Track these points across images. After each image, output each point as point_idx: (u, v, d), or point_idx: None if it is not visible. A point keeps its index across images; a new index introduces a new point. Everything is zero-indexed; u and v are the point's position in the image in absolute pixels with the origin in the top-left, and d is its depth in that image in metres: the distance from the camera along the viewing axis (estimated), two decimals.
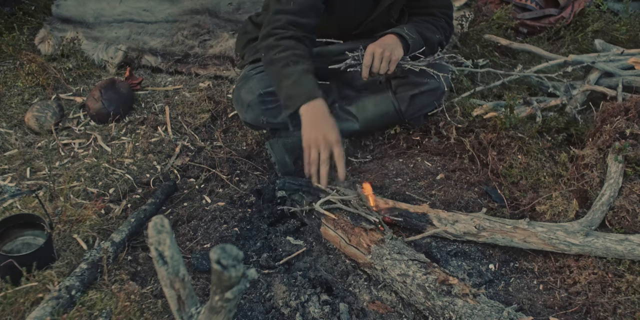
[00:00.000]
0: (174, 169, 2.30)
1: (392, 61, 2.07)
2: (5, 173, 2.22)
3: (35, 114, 2.49)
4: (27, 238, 1.86)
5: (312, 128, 1.90)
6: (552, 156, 2.28)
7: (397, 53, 2.09)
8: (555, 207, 2.00)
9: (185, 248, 1.92)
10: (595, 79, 2.63)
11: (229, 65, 2.93)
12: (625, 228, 1.92)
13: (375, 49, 2.07)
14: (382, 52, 2.06)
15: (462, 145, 2.36)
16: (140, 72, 2.96)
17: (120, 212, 2.05)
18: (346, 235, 1.83)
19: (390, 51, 2.07)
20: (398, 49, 2.10)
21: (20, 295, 1.64)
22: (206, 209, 2.10)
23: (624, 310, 1.67)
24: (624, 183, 2.03)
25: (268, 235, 1.99)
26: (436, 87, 2.27)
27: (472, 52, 3.13)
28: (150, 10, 3.27)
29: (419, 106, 2.32)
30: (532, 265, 1.88)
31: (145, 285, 1.75)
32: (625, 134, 2.14)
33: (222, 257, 0.96)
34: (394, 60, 2.07)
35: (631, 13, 3.47)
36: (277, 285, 1.75)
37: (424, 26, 2.25)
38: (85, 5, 3.26)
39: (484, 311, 1.49)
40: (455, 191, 2.16)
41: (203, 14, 3.22)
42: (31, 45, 3.05)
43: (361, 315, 1.68)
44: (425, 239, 1.92)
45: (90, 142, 2.43)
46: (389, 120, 2.37)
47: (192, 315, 1.19)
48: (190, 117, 2.60)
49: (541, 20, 3.37)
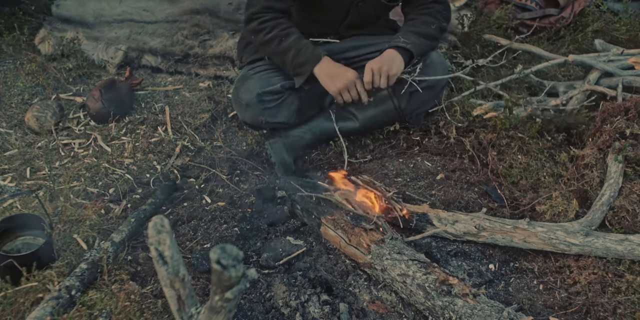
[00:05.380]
0: (174, 169, 2.30)
1: (391, 75, 2.14)
2: (5, 173, 2.22)
3: (35, 114, 2.49)
4: (27, 238, 1.86)
5: (332, 80, 2.16)
6: (552, 156, 2.28)
7: (395, 67, 2.15)
8: (555, 207, 2.00)
9: (185, 248, 1.92)
10: (595, 79, 2.62)
11: (229, 65, 2.93)
12: (625, 228, 1.92)
13: (373, 66, 2.14)
14: (380, 67, 2.13)
15: (462, 145, 2.36)
16: (140, 72, 2.95)
17: (120, 212, 2.05)
18: (346, 235, 1.83)
19: (388, 66, 2.13)
20: (397, 62, 2.16)
21: (20, 295, 1.64)
22: (206, 209, 2.10)
23: (624, 310, 1.67)
24: (624, 183, 2.03)
25: (268, 235, 1.99)
26: (434, 84, 2.27)
27: (472, 52, 3.13)
28: (150, 10, 3.27)
29: (418, 103, 2.33)
30: (532, 265, 1.88)
31: (145, 285, 1.74)
32: (625, 134, 2.14)
33: (222, 257, 0.96)
34: (392, 74, 2.14)
35: (631, 13, 3.47)
36: (277, 285, 1.75)
37: (419, 22, 2.27)
38: (85, 5, 3.26)
39: (484, 311, 1.49)
40: (455, 191, 2.16)
41: (203, 14, 3.22)
42: (31, 45, 3.05)
43: (361, 315, 1.68)
44: (425, 239, 1.92)
45: (90, 142, 2.43)
46: (388, 118, 2.38)
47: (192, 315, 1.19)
48: (190, 117, 2.60)
49: (541, 20, 3.37)
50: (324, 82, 2.17)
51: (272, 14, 2.20)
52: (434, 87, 2.29)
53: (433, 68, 2.26)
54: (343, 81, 2.15)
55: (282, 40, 2.17)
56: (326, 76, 2.16)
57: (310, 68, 2.16)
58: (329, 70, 2.16)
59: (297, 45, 2.16)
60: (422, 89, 2.26)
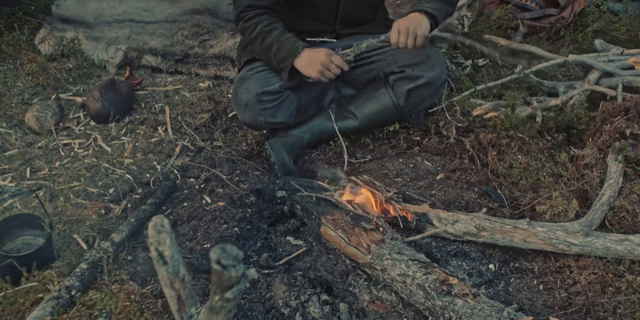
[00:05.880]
0: (174, 169, 2.30)
1: (419, 35, 2.12)
2: (5, 173, 2.22)
3: (35, 114, 2.49)
4: (27, 238, 1.86)
5: (310, 66, 2.17)
6: (552, 156, 2.28)
7: (423, 28, 2.13)
8: (555, 207, 2.00)
9: (185, 248, 1.92)
10: (595, 79, 2.62)
11: (229, 65, 2.93)
12: (625, 228, 1.92)
13: (400, 26, 2.12)
14: (408, 27, 2.11)
15: (462, 145, 2.36)
16: (140, 72, 2.96)
17: (120, 212, 2.05)
18: (346, 235, 1.83)
19: (415, 26, 2.12)
20: (424, 23, 2.14)
21: (20, 295, 1.64)
22: (206, 209, 2.10)
23: (624, 310, 1.67)
24: (624, 183, 2.03)
25: (268, 235, 1.99)
26: (433, 80, 2.28)
27: (472, 52, 3.12)
28: (150, 10, 3.27)
29: (417, 100, 2.33)
30: (532, 265, 1.88)
31: (145, 285, 1.74)
32: (625, 134, 2.14)
33: (222, 257, 0.96)
34: (421, 34, 2.12)
35: (631, 13, 3.47)
36: (277, 285, 1.75)
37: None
38: (85, 5, 3.26)
39: (484, 311, 1.49)
40: (455, 191, 2.16)
41: (203, 14, 3.21)
42: (31, 45, 3.05)
43: (361, 315, 1.68)
44: (425, 239, 1.92)
45: (90, 142, 2.43)
46: (387, 116, 2.37)
47: (192, 315, 1.19)
48: (190, 117, 2.60)
49: (541, 20, 3.37)
50: (304, 71, 2.18)
51: (255, 11, 2.23)
52: (432, 84, 2.29)
53: (431, 64, 2.26)
54: (318, 64, 2.15)
55: (265, 37, 2.21)
56: (304, 66, 2.17)
57: (290, 62, 2.17)
58: (305, 59, 2.17)
59: (279, 41, 2.18)
60: (421, 86, 2.26)
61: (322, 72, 2.17)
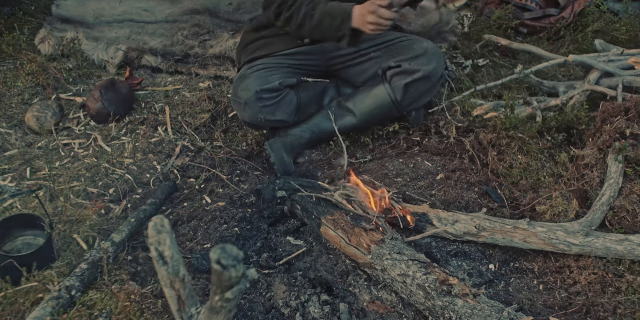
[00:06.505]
0: (174, 169, 2.30)
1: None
2: (5, 173, 2.22)
3: (35, 114, 2.49)
4: (27, 238, 1.86)
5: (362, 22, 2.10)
6: (552, 156, 2.28)
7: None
8: (555, 207, 2.00)
9: (185, 248, 1.92)
10: (595, 79, 2.62)
11: (229, 65, 2.93)
12: (625, 228, 1.92)
13: None
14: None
15: (462, 145, 2.36)
16: (140, 72, 2.95)
17: (120, 212, 2.05)
18: (346, 235, 1.83)
19: None
20: None
21: (20, 295, 1.64)
22: (206, 209, 2.10)
23: (624, 310, 1.67)
24: (624, 183, 2.03)
25: (268, 235, 1.99)
26: (430, 73, 2.27)
27: (472, 52, 3.13)
28: (150, 10, 3.27)
29: (415, 95, 2.32)
30: (532, 265, 1.88)
31: (145, 285, 1.74)
32: (625, 134, 2.14)
33: (222, 257, 0.96)
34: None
35: (631, 13, 3.47)
36: (277, 285, 1.75)
37: None
38: (85, 5, 3.25)
39: (484, 311, 1.49)
40: (455, 191, 2.16)
41: (203, 14, 3.21)
42: (31, 45, 3.05)
43: (361, 315, 1.68)
44: (425, 239, 1.92)
45: (90, 142, 2.43)
46: (386, 112, 2.37)
47: (192, 315, 1.19)
48: (190, 117, 2.60)
49: (541, 20, 3.37)
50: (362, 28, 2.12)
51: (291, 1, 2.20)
52: (429, 77, 2.28)
53: (428, 58, 2.26)
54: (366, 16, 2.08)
55: (312, 15, 2.17)
56: (359, 25, 2.12)
57: (348, 24, 2.13)
58: (358, 18, 2.11)
59: (327, 10, 2.15)
60: (418, 80, 2.26)
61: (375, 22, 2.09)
